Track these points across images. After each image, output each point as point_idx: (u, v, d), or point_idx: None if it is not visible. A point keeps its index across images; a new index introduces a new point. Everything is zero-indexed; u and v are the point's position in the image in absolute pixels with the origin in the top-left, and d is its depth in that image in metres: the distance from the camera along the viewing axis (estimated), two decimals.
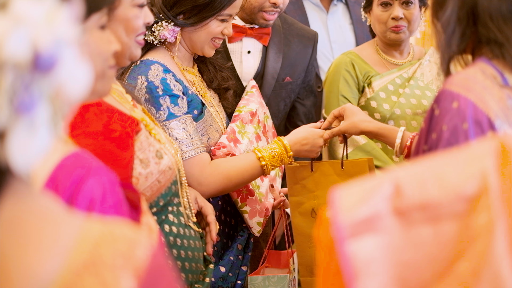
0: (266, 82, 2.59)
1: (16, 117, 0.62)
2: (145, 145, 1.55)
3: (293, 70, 2.67)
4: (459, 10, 1.32)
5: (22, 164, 0.63)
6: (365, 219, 0.79)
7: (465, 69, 1.35)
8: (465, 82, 1.29)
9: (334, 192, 0.82)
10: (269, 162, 2.05)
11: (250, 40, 2.59)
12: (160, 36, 2.01)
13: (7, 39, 0.61)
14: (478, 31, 1.33)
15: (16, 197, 0.67)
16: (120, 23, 1.47)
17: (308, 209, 2.14)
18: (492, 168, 0.77)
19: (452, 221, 0.77)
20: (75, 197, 1.05)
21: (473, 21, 1.33)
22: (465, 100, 1.27)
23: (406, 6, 2.57)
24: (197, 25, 2.03)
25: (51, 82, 0.64)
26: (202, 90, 2.14)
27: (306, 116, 2.76)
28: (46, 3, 0.64)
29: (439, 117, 1.30)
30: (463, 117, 1.26)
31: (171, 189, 1.66)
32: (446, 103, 1.29)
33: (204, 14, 2.01)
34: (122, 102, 1.55)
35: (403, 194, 0.79)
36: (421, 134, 1.37)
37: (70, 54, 0.66)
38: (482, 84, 1.28)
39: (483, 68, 1.31)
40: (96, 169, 1.09)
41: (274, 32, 2.61)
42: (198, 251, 1.78)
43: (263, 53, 2.61)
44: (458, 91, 1.28)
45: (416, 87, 2.64)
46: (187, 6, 2.00)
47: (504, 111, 1.27)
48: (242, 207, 2.16)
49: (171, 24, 2.01)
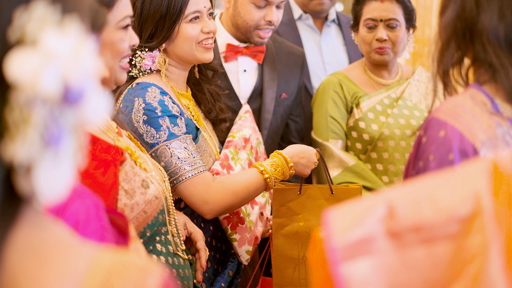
0: (265, 99, 2.62)
1: (45, 149, 0.64)
2: (130, 175, 1.51)
3: (287, 87, 2.70)
4: (455, 22, 1.29)
5: (47, 195, 0.65)
6: (359, 241, 0.78)
7: (454, 96, 1.31)
8: (454, 109, 1.26)
9: (327, 214, 0.81)
10: (272, 175, 2.02)
11: (245, 59, 2.62)
12: (143, 67, 2.00)
13: (40, 76, 0.62)
14: (474, 49, 1.29)
15: (31, 226, 0.68)
16: (105, 47, 1.46)
17: (291, 231, 2.13)
18: (485, 189, 0.77)
19: (446, 242, 0.77)
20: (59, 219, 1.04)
21: (470, 37, 1.28)
22: (452, 129, 1.24)
23: (391, 28, 2.59)
24: (170, 38, 2.00)
25: (77, 114, 0.66)
26: (196, 115, 2.13)
27: (298, 132, 2.77)
28: (72, 37, 0.66)
29: (426, 145, 1.27)
30: (449, 147, 1.23)
31: (158, 219, 1.61)
32: (433, 132, 1.26)
33: (168, 23, 1.98)
34: (106, 131, 1.52)
35: (396, 216, 0.78)
36: (410, 159, 1.35)
37: (93, 86, 0.68)
38: (471, 111, 1.25)
39: (473, 95, 1.28)
40: (81, 192, 1.08)
41: (267, 50, 2.64)
42: (188, 279, 1.75)
43: (258, 71, 2.65)
44: (445, 119, 1.25)
45: (404, 107, 2.65)
46: (150, 27, 1.98)
47: (491, 140, 1.23)
48: (232, 235, 2.15)
49: (146, 51, 2.00)
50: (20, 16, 0.64)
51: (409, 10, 2.61)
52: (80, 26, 0.68)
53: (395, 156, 2.59)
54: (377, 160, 2.61)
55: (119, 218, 1.19)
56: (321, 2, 3.15)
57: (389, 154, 2.59)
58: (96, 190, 1.33)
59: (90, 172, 1.40)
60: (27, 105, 0.62)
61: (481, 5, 1.25)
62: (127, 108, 1.91)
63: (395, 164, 2.58)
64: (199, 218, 2.12)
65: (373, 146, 2.60)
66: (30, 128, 0.62)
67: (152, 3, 1.97)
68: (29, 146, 0.63)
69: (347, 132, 2.66)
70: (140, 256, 0.72)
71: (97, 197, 1.14)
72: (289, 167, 2.06)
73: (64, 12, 0.67)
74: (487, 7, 1.25)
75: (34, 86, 0.62)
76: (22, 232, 0.67)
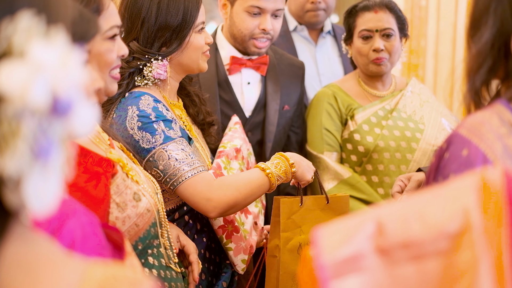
0: (269, 111, 2.63)
1: (34, 162, 0.63)
2: (121, 188, 1.49)
3: (289, 99, 2.71)
4: (494, 38, 1.22)
5: (37, 208, 0.64)
6: (348, 258, 0.78)
7: (481, 111, 1.24)
8: (478, 128, 1.19)
9: (316, 231, 0.81)
10: (274, 172, 2.00)
11: (249, 71, 2.63)
12: (154, 75, 2.00)
13: (28, 87, 0.61)
14: (508, 64, 1.23)
15: (20, 241, 0.68)
16: (93, 58, 1.44)
17: (295, 246, 2.12)
18: (474, 205, 0.77)
19: (436, 258, 0.77)
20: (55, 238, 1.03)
21: (505, 53, 1.23)
22: (476, 149, 1.17)
23: (387, 38, 2.59)
24: (182, 47, 2.03)
25: (65, 126, 0.66)
26: (189, 125, 2.14)
27: (299, 144, 2.76)
28: (58, 47, 0.65)
29: (448, 161, 1.22)
30: (471, 168, 1.17)
31: (150, 232, 1.59)
32: (456, 149, 1.20)
33: (183, 33, 2.01)
34: (98, 143, 1.50)
35: (385, 233, 0.78)
36: (431, 168, 1.29)
37: (81, 97, 0.67)
38: (497, 132, 1.18)
39: (500, 113, 1.22)
40: (75, 210, 1.08)
41: (269, 63, 2.66)
42: None
43: (262, 83, 2.66)
44: (469, 138, 1.19)
45: (399, 118, 2.65)
46: (165, 35, 2.00)
47: None
48: (227, 244, 2.14)
49: (160, 60, 2.01)
50: (6, 28, 0.64)
51: (402, 20, 2.62)
52: (65, 36, 0.67)
53: (390, 168, 2.59)
54: (372, 172, 2.60)
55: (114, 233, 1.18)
56: (316, 13, 3.16)
57: (384, 166, 2.58)
58: (88, 203, 1.32)
59: (81, 186, 1.38)
60: (16, 117, 0.62)
61: None
62: (120, 117, 1.91)
63: (391, 176, 2.58)
64: (193, 229, 2.11)
65: (368, 158, 2.60)
66: (19, 140, 0.62)
67: (168, 12, 1.99)
68: (18, 158, 0.62)
69: (342, 144, 2.66)
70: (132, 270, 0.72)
71: (92, 214, 1.13)
72: (290, 165, 2.04)
73: (49, 22, 0.67)
74: None
75: (23, 98, 0.61)
76: (12, 248, 0.67)
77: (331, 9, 3.21)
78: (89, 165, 1.41)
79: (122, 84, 1.95)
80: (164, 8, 2.00)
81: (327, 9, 3.18)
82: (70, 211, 1.06)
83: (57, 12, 0.70)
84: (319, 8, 3.16)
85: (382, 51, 2.59)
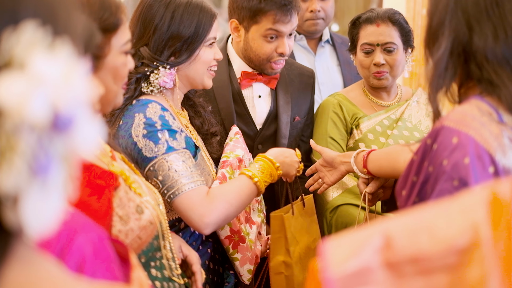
0: (281, 124, 2.62)
1: (32, 179, 0.60)
2: (124, 201, 1.48)
3: (300, 109, 2.70)
4: (452, 47, 1.36)
5: (35, 228, 0.61)
6: (356, 272, 0.77)
7: (461, 106, 1.36)
8: (463, 118, 1.30)
9: (324, 245, 0.80)
10: (261, 178, 2.02)
11: (260, 85, 2.62)
12: (160, 83, 2.00)
13: (27, 101, 0.59)
14: (470, 69, 1.36)
15: (22, 262, 0.65)
16: (109, 71, 1.45)
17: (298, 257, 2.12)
18: (483, 220, 0.76)
19: (444, 274, 0.76)
20: (65, 255, 1.02)
21: (465, 59, 1.36)
22: (466, 135, 1.27)
23: (388, 52, 2.59)
24: (190, 59, 2.03)
25: (66, 142, 0.63)
26: (195, 134, 2.14)
27: (307, 153, 2.74)
28: (62, 60, 0.63)
29: (437, 151, 1.30)
30: (464, 152, 1.26)
31: (152, 244, 1.58)
32: (445, 138, 1.29)
33: (193, 45, 2.02)
34: (100, 156, 1.49)
35: (393, 247, 0.77)
36: (410, 166, 1.37)
37: (84, 112, 0.64)
38: (480, 120, 1.30)
39: (478, 105, 1.33)
40: (84, 225, 1.06)
41: (280, 74, 2.64)
42: None
43: (272, 96, 2.65)
44: (457, 127, 1.29)
45: (404, 128, 2.64)
46: (176, 45, 2.00)
47: (501, 147, 1.28)
48: (234, 254, 2.13)
49: (167, 68, 2.01)
50: (8, 38, 0.61)
51: (406, 32, 2.61)
52: (71, 49, 0.65)
53: None
54: None
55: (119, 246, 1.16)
56: (315, 22, 3.16)
57: None
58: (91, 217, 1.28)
59: (83, 199, 1.37)
60: (14, 132, 0.59)
61: (473, 29, 1.34)
62: (127, 124, 1.91)
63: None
64: (198, 240, 2.10)
65: None
66: (17, 156, 0.59)
67: (182, 23, 2.00)
68: (15, 175, 0.59)
69: None
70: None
71: (100, 227, 1.12)
72: (276, 168, 2.06)
73: (55, 34, 0.64)
74: (479, 30, 1.34)
75: (21, 112, 0.58)
76: (13, 271, 0.64)
77: (330, 18, 3.21)
78: (91, 178, 1.40)
79: (129, 88, 1.95)
80: (178, 17, 2.00)
81: (326, 18, 3.19)
82: (79, 226, 1.05)
83: (64, 24, 0.68)
84: (318, 17, 3.16)
85: (383, 65, 2.59)
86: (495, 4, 1.34)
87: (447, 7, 1.38)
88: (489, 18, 1.34)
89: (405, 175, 1.39)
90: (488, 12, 1.35)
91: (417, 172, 1.36)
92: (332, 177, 2.28)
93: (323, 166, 2.31)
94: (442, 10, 1.39)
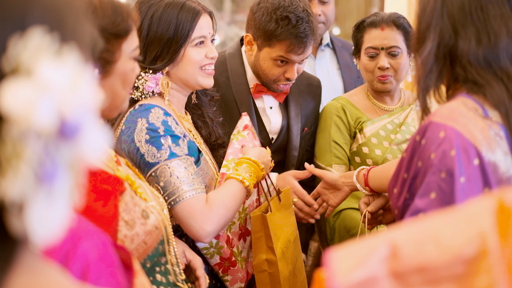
0: (292, 135, 2.63)
1: (38, 186, 0.60)
2: (130, 206, 1.47)
3: (308, 120, 2.71)
4: (437, 50, 1.43)
5: (41, 236, 0.61)
6: (362, 281, 0.76)
7: (448, 103, 1.42)
8: (450, 113, 1.36)
9: (330, 255, 0.79)
10: (250, 182, 2.04)
11: (270, 97, 2.62)
12: (145, 89, 1.98)
13: (34, 108, 0.58)
14: (455, 71, 1.42)
15: (27, 270, 0.65)
16: (118, 76, 1.45)
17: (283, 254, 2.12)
18: (490, 229, 0.75)
19: (452, 283, 0.75)
20: (69, 260, 1.01)
21: (451, 61, 1.43)
22: (452, 129, 1.33)
23: (392, 56, 2.58)
24: (175, 61, 2.00)
25: (73, 150, 0.62)
26: (198, 138, 2.13)
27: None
28: (69, 67, 0.62)
29: (425, 146, 1.36)
30: (450, 144, 1.32)
31: (158, 249, 1.58)
32: (433, 133, 1.35)
33: (175, 46, 1.98)
34: (105, 161, 1.49)
35: (400, 256, 0.77)
36: (401, 163, 1.42)
37: (91, 120, 0.64)
38: (466, 115, 1.35)
39: (464, 102, 1.39)
40: (88, 231, 1.06)
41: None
42: None
43: (282, 108, 2.65)
44: (444, 122, 1.35)
45: (407, 132, 2.63)
46: (156, 49, 1.98)
47: (487, 140, 1.34)
48: (224, 277, 2.15)
49: (150, 73, 1.99)
50: (15, 44, 0.60)
51: (410, 35, 2.60)
52: (78, 56, 0.64)
53: None
54: None
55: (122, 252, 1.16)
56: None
57: None
58: (97, 222, 1.29)
59: (89, 205, 1.37)
60: (20, 139, 0.58)
61: (459, 33, 1.41)
62: (129, 129, 1.89)
63: None
64: None
65: None
66: (23, 163, 0.58)
67: (160, 25, 1.97)
68: (21, 182, 0.58)
69: (350, 157, 2.65)
70: None
71: (104, 233, 1.11)
72: (261, 169, 2.09)
73: (62, 41, 0.64)
74: (464, 34, 1.40)
75: (28, 119, 0.58)
76: (19, 279, 0.63)
77: (330, 22, 3.21)
78: (97, 183, 1.40)
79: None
80: (156, 21, 1.98)
81: (326, 22, 3.18)
82: (83, 232, 1.05)
83: (72, 30, 0.67)
84: (318, 21, 3.15)
85: (387, 69, 2.58)
86: (480, 9, 1.40)
87: (434, 11, 1.44)
88: (473, 23, 1.40)
89: (396, 173, 1.45)
90: (473, 16, 1.40)
91: (407, 168, 1.40)
92: (337, 199, 2.32)
93: (325, 189, 2.34)
94: (429, 14, 1.45)
